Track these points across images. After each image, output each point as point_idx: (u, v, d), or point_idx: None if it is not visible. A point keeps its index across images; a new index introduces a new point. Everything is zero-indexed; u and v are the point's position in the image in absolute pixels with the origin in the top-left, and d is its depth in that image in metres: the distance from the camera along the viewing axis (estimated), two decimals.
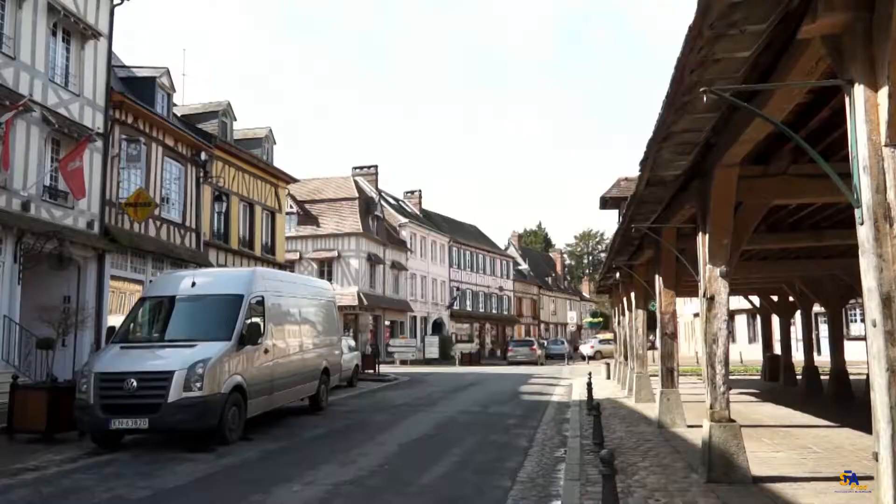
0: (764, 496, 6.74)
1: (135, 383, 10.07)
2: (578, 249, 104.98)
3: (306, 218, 40.91)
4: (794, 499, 6.63)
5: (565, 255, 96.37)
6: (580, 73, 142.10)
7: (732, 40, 4.23)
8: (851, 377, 18.75)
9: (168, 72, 21.01)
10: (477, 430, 12.35)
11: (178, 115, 23.14)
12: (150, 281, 17.33)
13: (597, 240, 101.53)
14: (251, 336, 11.45)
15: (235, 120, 25.42)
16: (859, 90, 3.46)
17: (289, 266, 31.00)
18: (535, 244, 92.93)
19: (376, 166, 47.78)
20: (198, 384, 10.14)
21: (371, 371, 26.58)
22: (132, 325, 12.11)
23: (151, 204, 17.86)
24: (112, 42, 17.77)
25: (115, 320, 15.16)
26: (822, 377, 20.48)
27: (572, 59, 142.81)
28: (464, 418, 14.13)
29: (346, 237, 40.22)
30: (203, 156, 21.74)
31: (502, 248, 69.21)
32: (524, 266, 70.88)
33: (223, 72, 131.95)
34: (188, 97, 45.41)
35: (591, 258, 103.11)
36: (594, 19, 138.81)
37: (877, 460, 3.51)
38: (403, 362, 36.87)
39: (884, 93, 3.31)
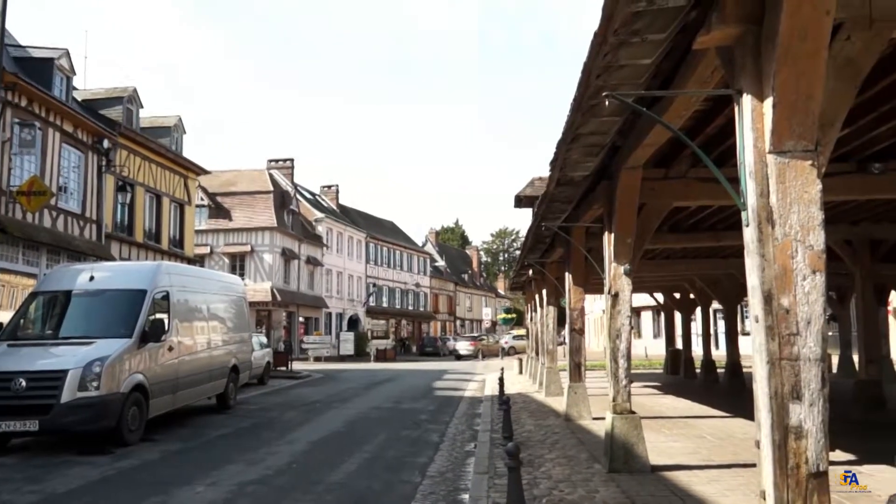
0: (661, 484, 7.06)
1: (24, 383, 9.48)
2: (495, 247, 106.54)
3: (218, 211, 39.60)
4: (689, 486, 6.99)
5: (482, 253, 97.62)
6: (504, 72, 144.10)
7: (635, 48, 4.39)
8: (745, 370, 19.93)
9: (68, 53, 19.82)
10: (389, 426, 12.34)
11: (79, 99, 21.89)
12: (45, 275, 16.32)
13: (513, 237, 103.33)
14: (154, 333, 11.00)
15: (142, 107, 24.29)
16: (747, 100, 3.67)
17: (198, 261, 29.92)
18: (452, 241, 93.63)
19: (292, 160, 46.76)
20: (94, 383, 9.66)
21: (283, 368, 26.08)
22: (22, 321, 11.39)
23: (47, 193, 16.82)
24: (5, 19, 16.59)
25: (3, 316, 14.19)
26: (718, 370, 21.68)
27: (497, 57, 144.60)
28: (376, 414, 14.09)
29: (259, 231, 39.20)
30: (106, 143, 20.63)
31: (420, 244, 69.37)
32: (441, 263, 71.31)
33: (132, 59, 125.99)
34: (93, 83, 43.11)
35: (506, 255, 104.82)
36: (520, 17, 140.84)
37: (758, 448, 3.74)
38: (318, 359, 36.34)
39: (769, 103, 3.51)
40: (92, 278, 11.64)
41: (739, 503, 6.25)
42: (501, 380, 15.66)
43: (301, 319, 43.04)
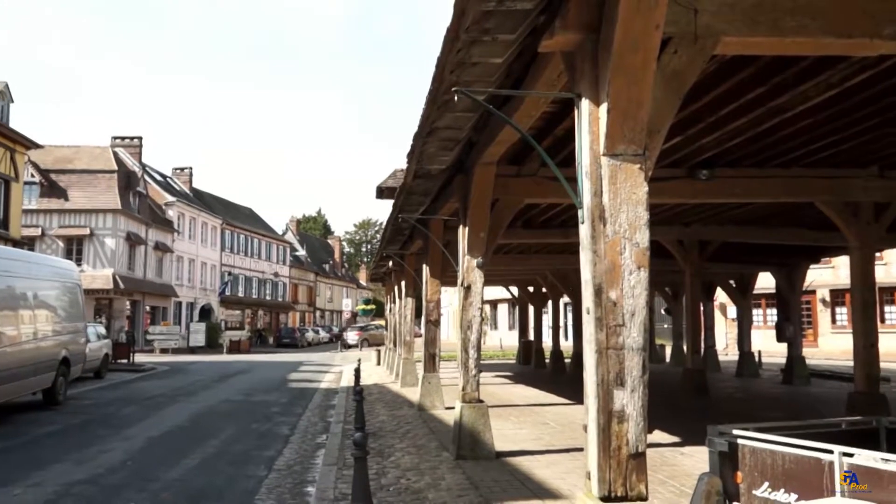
0: (504, 469, 7.36)
1: None
2: (358, 237, 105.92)
3: (52, 190, 36.18)
4: (530, 470, 7.33)
5: (344, 243, 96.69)
6: (370, 60, 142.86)
7: (487, 46, 4.49)
8: None
9: None
10: (238, 419, 11.91)
11: None
12: None
13: (376, 228, 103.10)
14: None
15: None
16: (585, 104, 3.87)
17: (27, 243, 27.25)
18: (314, 230, 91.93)
19: (140, 138, 43.55)
20: None
21: (125, 361, 24.40)
22: None
23: None
24: None
25: None
26: (566, 360, 22.92)
27: (364, 45, 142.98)
28: (225, 408, 13.55)
29: (101, 214, 36.28)
30: None
31: (279, 233, 67.46)
32: (302, 252, 69.79)
33: None
34: None
35: (370, 246, 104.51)
36: (386, 5, 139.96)
37: (586, 432, 3.98)
38: (164, 351, 34.34)
39: (604, 108, 3.73)
40: None
41: (574, 484, 6.63)
42: (357, 371, 15.57)
43: (147, 309, 40.48)
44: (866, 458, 3.31)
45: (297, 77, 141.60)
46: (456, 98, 4.63)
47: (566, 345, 25.86)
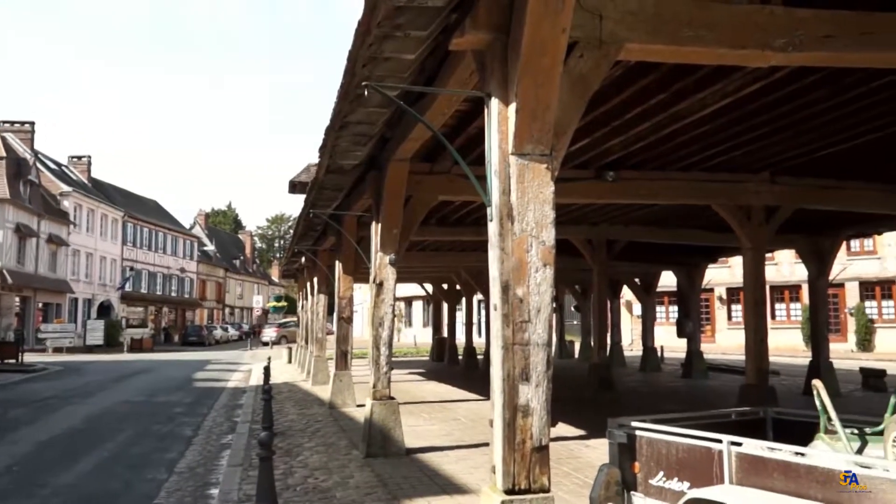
0: (414, 466, 7.38)
1: None
2: (270, 232, 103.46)
3: None
4: (439, 466, 7.38)
5: (256, 238, 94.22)
6: (283, 48, 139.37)
7: (399, 42, 4.47)
8: None
9: None
10: (137, 421, 11.38)
11: None
12: None
13: (289, 224, 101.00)
14: None
15: None
16: (495, 103, 3.92)
17: None
18: (224, 225, 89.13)
19: (33, 123, 40.81)
20: None
21: (13, 361, 22.86)
22: None
23: None
24: None
25: None
26: (479, 356, 23.22)
27: (275, 32, 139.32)
28: (123, 409, 12.92)
29: None
30: None
31: (187, 227, 64.97)
32: (210, 247, 67.49)
33: None
34: None
35: (283, 242, 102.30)
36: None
37: (492, 426, 4.03)
38: (58, 350, 32.40)
39: (513, 108, 3.79)
40: None
41: (482, 478, 6.71)
42: (267, 368, 15.20)
43: (39, 305, 38.06)
44: (753, 446, 3.51)
45: (205, 67, 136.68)
46: (367, 93, 4.58)
47: (479, 341, 26.18)
